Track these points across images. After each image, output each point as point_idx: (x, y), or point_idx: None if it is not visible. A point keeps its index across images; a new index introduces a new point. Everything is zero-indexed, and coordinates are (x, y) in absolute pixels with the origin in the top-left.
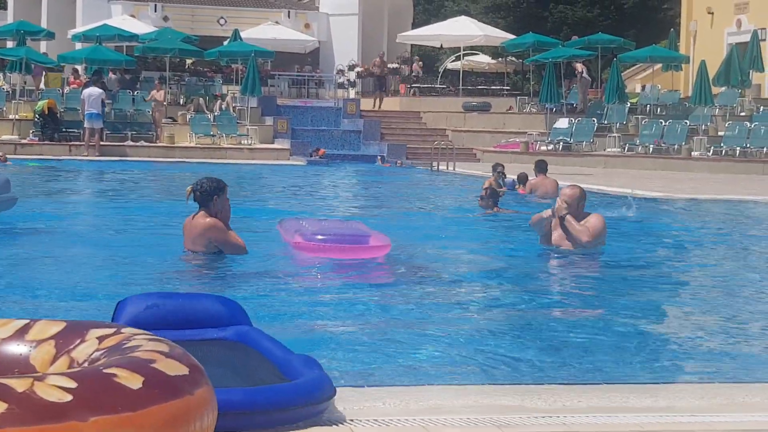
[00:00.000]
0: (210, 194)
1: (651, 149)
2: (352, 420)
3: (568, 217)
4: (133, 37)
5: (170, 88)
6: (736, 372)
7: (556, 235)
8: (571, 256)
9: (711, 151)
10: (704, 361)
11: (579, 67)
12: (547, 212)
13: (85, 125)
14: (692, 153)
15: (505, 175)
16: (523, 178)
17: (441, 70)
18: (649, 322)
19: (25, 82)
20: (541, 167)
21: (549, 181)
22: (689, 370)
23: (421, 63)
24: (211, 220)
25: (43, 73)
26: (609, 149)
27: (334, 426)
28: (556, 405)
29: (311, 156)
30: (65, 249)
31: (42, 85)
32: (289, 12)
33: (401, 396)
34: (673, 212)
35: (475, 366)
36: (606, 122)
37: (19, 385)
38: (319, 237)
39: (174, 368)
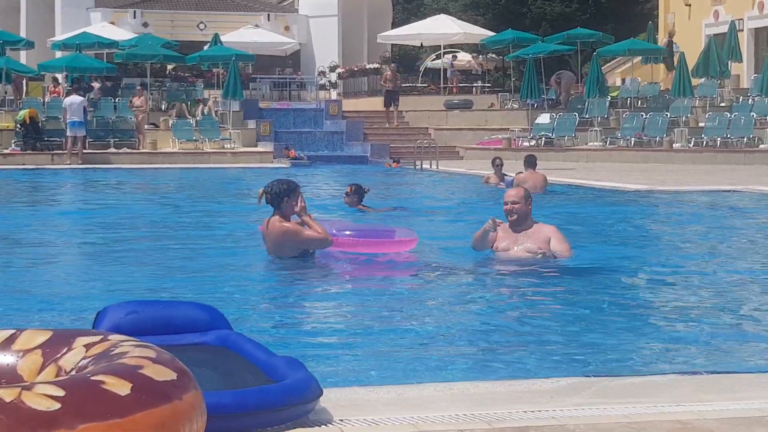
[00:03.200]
0: (280, 196)
1: (632, 142)
2: (341, 420)
3: (556, 243)
4: (113, 44)
5: (151, 94)
6: (723, 362)
7: (512, 247)
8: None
9: (692, 142)
10: (691, 352)
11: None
12: (488, 224)
13: (67, 134)
14: (674, 145)
15: (502, 167)
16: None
17: (422, 69)
18: (633, 315)
19: (5, 92)
20: (530, 162)
21: (537, 176)
22: (676, 362)
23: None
24: (282, 226)
25: (24, 81)
26: (591, 143)
27: (324, 426)
28: (544, 400)
29: (285, 155)
30: (47, 259)
31: (23, 95)
32: (268, 15)
33: (390, 394)
34: (657, 205)
35: (463, 363)
36: (587, 116)
37: (6, 395)
38: (348, 233)
39: (162, 373)
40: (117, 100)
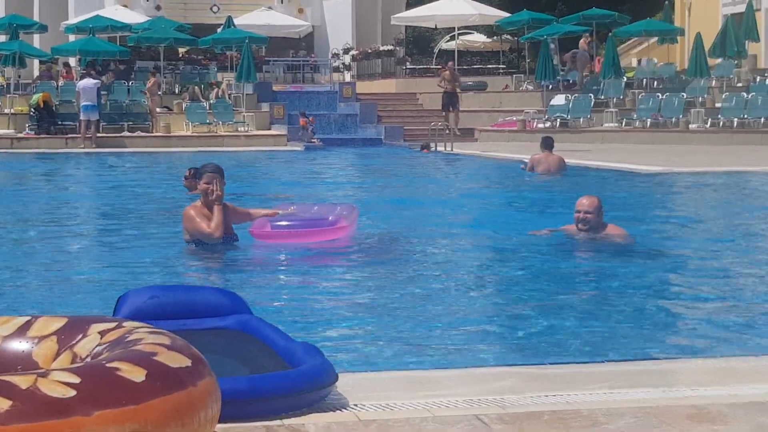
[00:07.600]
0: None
1: (648, 123)
2: (356, 405)
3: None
4: (126, 27)
5: (165, 77)
6: (739, 347)
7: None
8: (573, 238)
9: (708, 123)
10: (706, 337)
11: (583, 43)
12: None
13: (81, 117)
14: (690, 126)
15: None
16: None
17: (436, 50)
18: (647, 300)
19: (19, 76)
20: (547, 143)
21: (553, 158)
22: (688, 346)
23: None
24: (185, 210)
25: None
26: (606, 124)
27: (340, 411)
28: (558, 385)
29: (301, 133)
30: (64, 243)
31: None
32: None
33: (404, 380)
34: (674, 186)
35: (477, 348)
36: (603, 97)
37: (22, 381)
38: (283, 223)
39: (176, 360)
40: (130, 83)
